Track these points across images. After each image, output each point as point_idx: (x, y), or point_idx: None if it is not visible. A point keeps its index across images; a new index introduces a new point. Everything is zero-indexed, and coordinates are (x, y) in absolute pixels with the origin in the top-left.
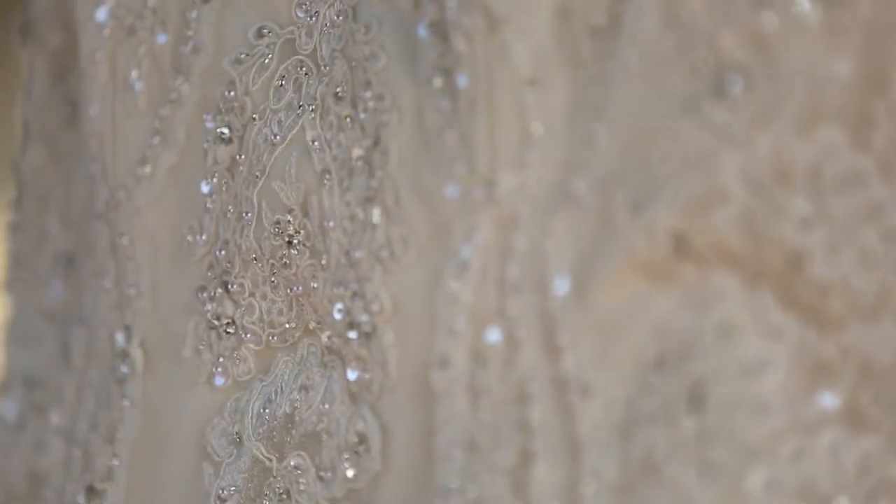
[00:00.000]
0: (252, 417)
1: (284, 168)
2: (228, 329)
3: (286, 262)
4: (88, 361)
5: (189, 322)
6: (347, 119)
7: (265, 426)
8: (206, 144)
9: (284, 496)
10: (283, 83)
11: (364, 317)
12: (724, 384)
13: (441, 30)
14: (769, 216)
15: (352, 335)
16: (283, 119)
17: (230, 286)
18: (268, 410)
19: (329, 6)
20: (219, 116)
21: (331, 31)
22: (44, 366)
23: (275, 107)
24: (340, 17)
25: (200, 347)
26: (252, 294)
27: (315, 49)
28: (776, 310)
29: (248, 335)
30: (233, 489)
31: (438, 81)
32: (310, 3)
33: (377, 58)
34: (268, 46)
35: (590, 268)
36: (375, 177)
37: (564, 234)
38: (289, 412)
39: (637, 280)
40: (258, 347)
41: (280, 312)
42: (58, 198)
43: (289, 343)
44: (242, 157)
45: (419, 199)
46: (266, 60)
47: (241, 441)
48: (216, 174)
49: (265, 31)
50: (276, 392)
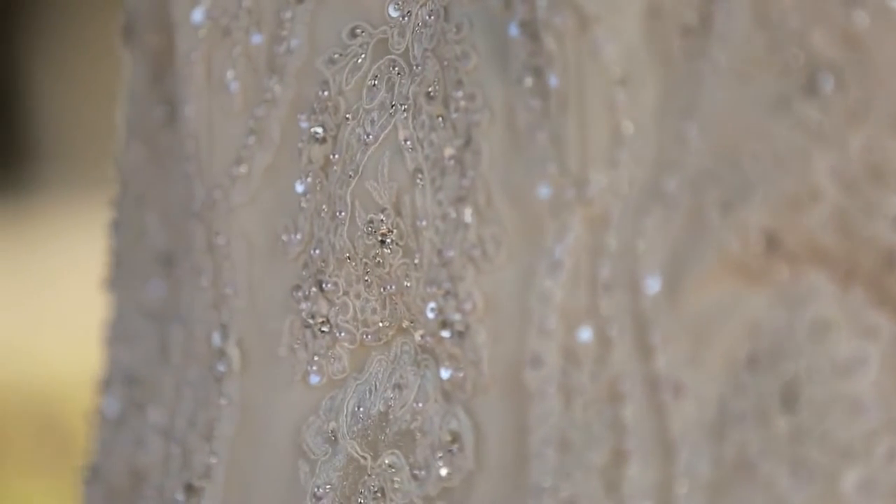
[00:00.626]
0: (347, 416)
1: (377, 167)
2: (323, 328)
3: (379, 262)
4: (187, 359)
5: (284, 321)
6: (439, 118)
7: (359, 424)
8: (301, 144)
9: (379, 494)
10: (376, 83)
11: (457, 316)
12: (818, 383)
13: (532, 29)
14: (861, 215)
15: (445, 334)
16: (376, 119)
17: (324, 285)
18: (362, 409)
19: (421, 6)
20: (313, 116)
21: (423, 31)
22: (143, 363)
23: (368, 106)
24: (432, 17)
25: (295, 346)
26: (346, 293)
27: (407, 49)
28: (869, 309)
29: (343, 334)
30: (328, 487)
31: (529, 81)
32: (402, 3)
33: (468, 57)
34: (361, 46)
35: (681, 267)
36: (467, 176)
37: (655, 234)
38: (383, 410)
39: (729, 279)
40: (352, 346)
41: (374, 311)
42: (156, 196)
43: (382, 342)
44: (336, 157)
45: (510, 199)
46: (359, 60)
47: (337, 439)
48: (310, 173)
49: (358, 31)
50: (370, 390)
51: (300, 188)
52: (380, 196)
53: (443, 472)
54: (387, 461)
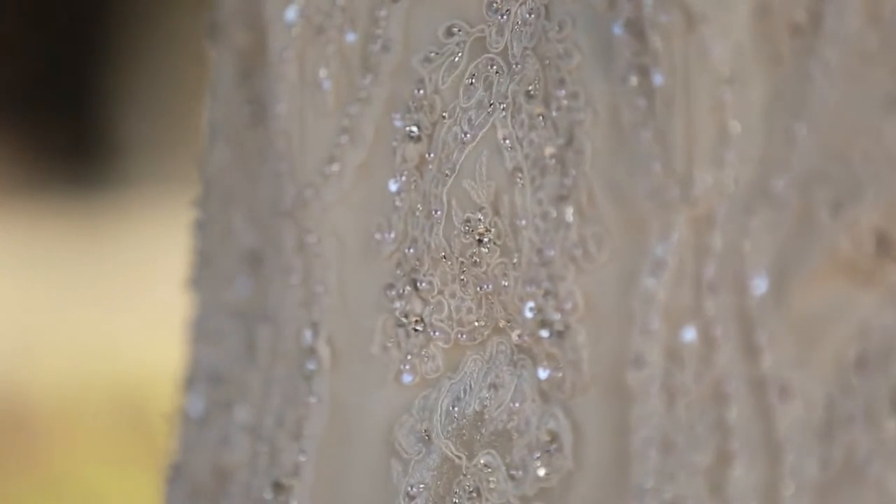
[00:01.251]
0: (441, 415)
1: (475, 166)
2: (417, 327)
3: (476, 261)
4: (274, 358)
5: (377, 319)
6: (540, 117)
7: (454, 424)
8: (395, 143)
9: (474, 494)
10: (474, 81)
11: (556, 315)
12: None
13: (637, 28)
14: None
15: (543, 334)
16: (474, 117)
17: (419, 284)
18: (457, 408)
19: (520, 4)
20: (407, 115)
21: (522, 30)
22: (228, 362)
23: (465, 105)
24: (532, 15)
25: (388, 345)
26: (441, 292)
27: (506, 47)
28: None
29: (437, 333)
30: (422, 486)
31: (634, 80)
32: (501, 2)
33: (571, 56)
34: (457, 45)
35: (789, 267)
36: (569, 175)
37: (762, 234)
38: (478, 410)
39: (837, 279)
40: (446, 345)
41: (469, 310)
42: (242, 195)
43: (477, 341)
44: (432, 156)
45: (613, 198)
46: (456, 59)
47: (430, 439)
48: (405, 172)
49: (455, 30)
50: (465, 390)
51: (394, 187)
52: (477, 195)
53: (540, 473)
54: (482, 461)
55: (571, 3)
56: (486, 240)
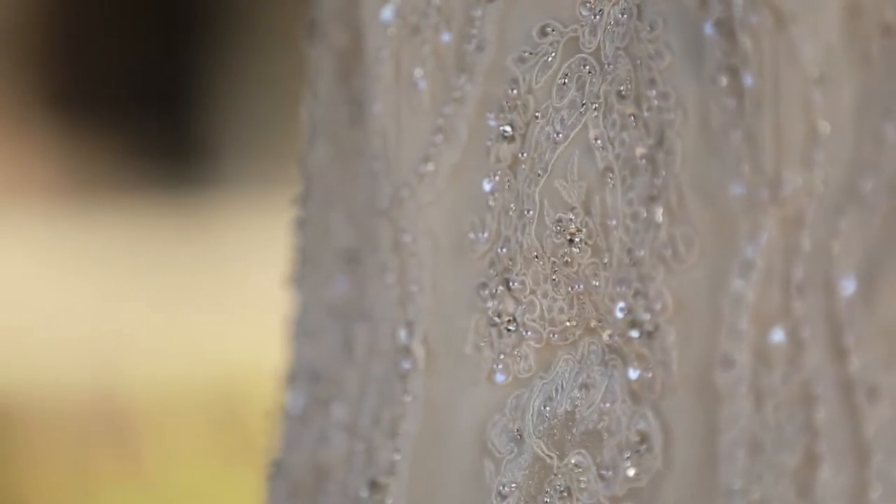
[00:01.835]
0: (533, 415)
1: (566, 166)
2: (509, 326)
3: (567, 261)
4: (371, 356)
5: (470, 319)
6: (631, 117)
7: (546, 424)
8: (489, 142)
9: (565, 494)
10: (567, 81)
11: (646, 315)
12: None
13: (727, 28)
14: None
15: (633, 334)
16: (566, 117)
17: (511, 284)
18: (548, 408)
19: (613, 4)
20: (501, 115)
21: (615, 30)
22: (327, 360)
23: (558, 105)
24: (625, 16)
25: (481, 344)
26: (533, 292)
27: (599, 47)
28: None
29: (529, 333)
30: (513, 486)
31: (724, 80)
32: (594, 2)
33: (662, 56)
34: (551, 45)
35: (877, 269)
36: (659, 175)
37: (851, 235)
38: (569, 410)
39: None
40: (539, 345)
41: (561, 310)
42: (341, 194)
43: (569, 341)
44: (525, 155)
45: (703, 199)
46: (549, 59)
47: (522, 438)
48: (498, 172)
49: (549, 30)
50: (557, 390)
51: (488, 186)
52: (569, 195)
53: (630, 473)
54: (573, 461)
55: (663, 4)
56: (578, 240)
